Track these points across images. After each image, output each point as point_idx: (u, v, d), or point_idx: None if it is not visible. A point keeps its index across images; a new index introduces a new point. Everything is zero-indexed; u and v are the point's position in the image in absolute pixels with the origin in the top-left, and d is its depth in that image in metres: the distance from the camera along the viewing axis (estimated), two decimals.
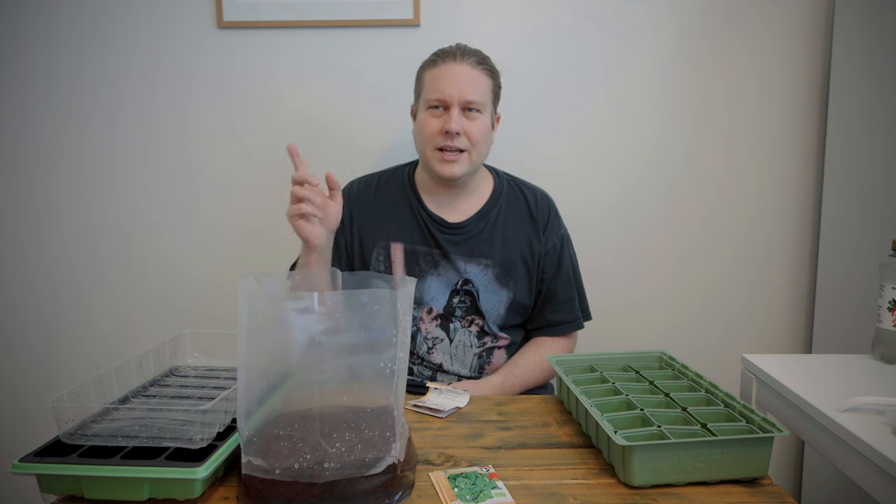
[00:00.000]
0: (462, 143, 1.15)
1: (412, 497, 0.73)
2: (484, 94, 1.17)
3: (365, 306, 0.70)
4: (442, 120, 1.16)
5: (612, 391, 0.92)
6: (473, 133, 1.16)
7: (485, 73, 1.18)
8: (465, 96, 1.15)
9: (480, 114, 1.17)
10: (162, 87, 1.51)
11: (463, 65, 1.15)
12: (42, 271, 1.56)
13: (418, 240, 1.23)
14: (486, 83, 1.18)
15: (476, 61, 1.17)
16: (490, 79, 1.19)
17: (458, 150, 1.16)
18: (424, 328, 1.23)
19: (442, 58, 1.18)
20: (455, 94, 1.14)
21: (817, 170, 1.55)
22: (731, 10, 1.50)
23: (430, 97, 1.17)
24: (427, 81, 1.19)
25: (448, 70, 1.16)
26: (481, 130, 1.17)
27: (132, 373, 0.90)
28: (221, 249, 1.57)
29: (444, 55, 1.18)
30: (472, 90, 1.15)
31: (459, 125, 1.14)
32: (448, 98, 1.15)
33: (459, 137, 1.15)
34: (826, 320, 1.51)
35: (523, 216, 1.26)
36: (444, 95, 1.15)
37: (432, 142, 1.17)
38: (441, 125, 1.15)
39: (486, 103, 1.18)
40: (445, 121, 1.15)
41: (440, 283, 1.22)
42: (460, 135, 1.15)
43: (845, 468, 0.84)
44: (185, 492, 0.70)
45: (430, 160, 1.18)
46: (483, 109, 1.17)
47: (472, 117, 1.16)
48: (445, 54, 1.18)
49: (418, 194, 1.26)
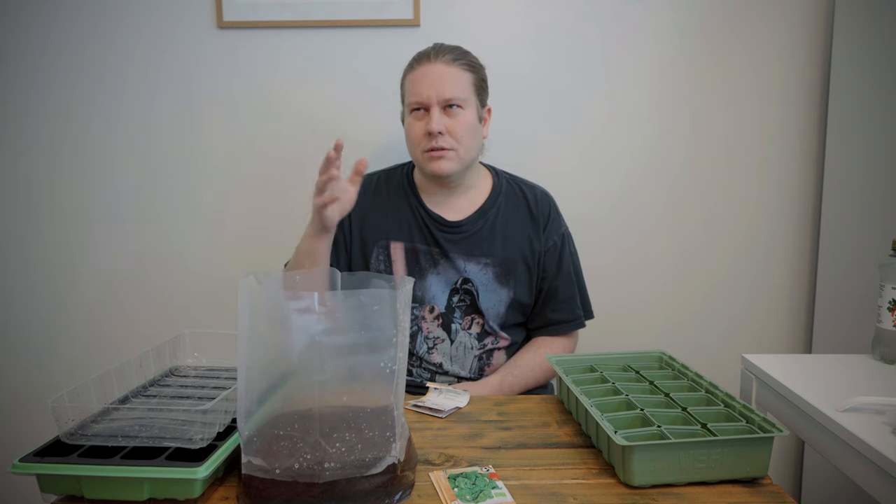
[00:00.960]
0: (446, 143, 1.15)
1: (412, 497, 0.73)
2: (463, 90, 1.16)
3: (365, 306, 0.70)
4: (424, 122, 1.16)
5: (612, 391, 0.92)
6: (457, 130, 1.16)
7: (462, 69, 1.17)
8: (442, 95, 1.14)
9: (462, 109, 1.16)
10: (162, 87, 1.51)
11: (437, 64, 1.15)
12: (42, 271, 1.56)
13: (418, 238, 1.23)
14: (464, 78, 1.17)
15: (452, 58, 1.16)
16: (469, 73, 1.18)
17: (443, 148, 1.15)
18: (426, 327, 1.23)
19: (418, 60, 1.18)
20: (432, 94, 1.14)
21: (817, 170, 1.55)
22: (731, 10, 1.50)
23: (411, 101, 1.17)
24: (407, 86, 1.19)
25: (423, 72, 1.16)
26: (465, 126, 1.16)
27: (132, 373, 0.90)
28: (222, 249, 1.57)
29: (419, 57, 1.19)
30: (449, 87, 1.15)
31: (441, 124, 1.14)
32: (426, 99, 1.15)
33: (443, 137, 1.15)
34: (826, 320, 1.51)
35: (523, 214, 1.25)
36: (422, 97, 1.15)
37: (419, 145, 1.17)
38: (424, 127, 1.16)
39: (466, 98, 1.17)
40: (427, 122, 1.15)
41: (440, 282, 1.22)
42: (443, 134, 1.15)
43: (845, 468, 0.84)
44: (185, 492, 0.70)
45: (421, 162, 1.19)
46: (465, 104, 1.17)
47: (454, 114, 1.16)
48: (421, 56, 1.18)
49: (417, 193, 1.26)
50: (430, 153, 1.16)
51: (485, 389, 1.18)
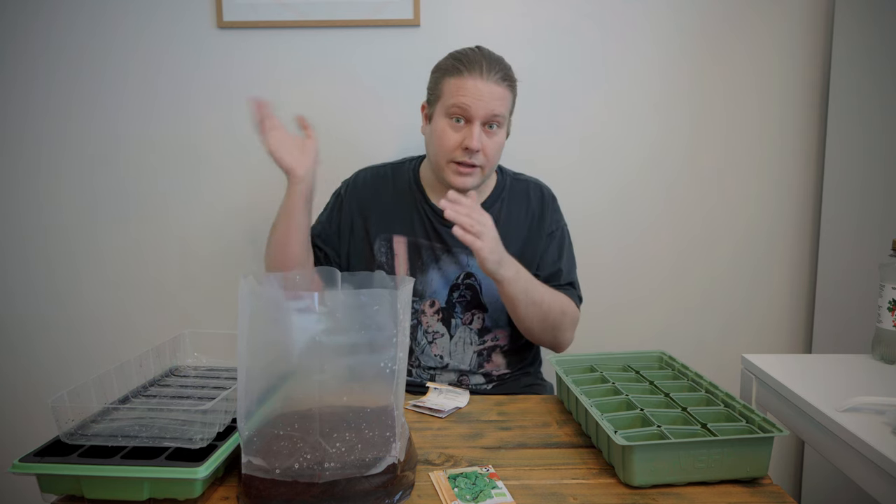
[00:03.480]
0: (479, 160, 1.14)
1: (412, 497, 0.73)
2: (506, 110, 1.15)
3: (365, 306, 0.70)
4: (462, 134, 1.13)
5: (612, 391, 0.92)
6: (491, 150, 1.14)
7: (508, 89, 1.15)
8: (489, 114, 1.12)
9: (500, 128, 1.15)
10: (162, 87, 1.51)
11: (489, 82, 1.11)
12: (42, 271, 1.56)
13: (420, 233, 1.23)
14: (508, 98, 1.15)
15: (501, 77, 1.13)
16: (511, 93, 1.16)
17: (474, 165, 1.14)
18: (426, 321, 1.24)
19: (468, 68, 1.12)
20: (479, 111, 1.11)
21: (817, 170, 1.55)
22: (731, 10, 1.50)
23: (452, 109, 1.13)
24: (449, 89, 1.13)
25: (474, 85, 1.11)
26: (498, 146, 1.16)
27: (132, 373, 0.90)
28: (221, 249, 1.57)
29: (469, 64, 1.12)
30: (497, 107, 1.12)
31: (480, 142, 1.12)
32: (473, 114, 1.11)
33: (478, 155, 1.13)
34: (826, 320, 1.51)
35: (525, 210, 1.26)
36: (469, 111, 1.11)
37: (449, 154, 1.14)
38: (460, 140, 1.13)
39: (506, 117, 1.16)
40: (466, 136, 1.12)
41: (441, 277, 1.23)
42: (479, 152, 1.13)
43: (845, 468, 0.84)
44: (185, 492, 0.70)
45: (444, 170, 1.17)
46: (503, 124, 1.16)
47: (492, 133, 1.14)
48: (471, 64, 1.12)
49: (423, 189, 1.26)
50: (460, 167, 1.14)
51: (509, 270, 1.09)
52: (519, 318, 1.15)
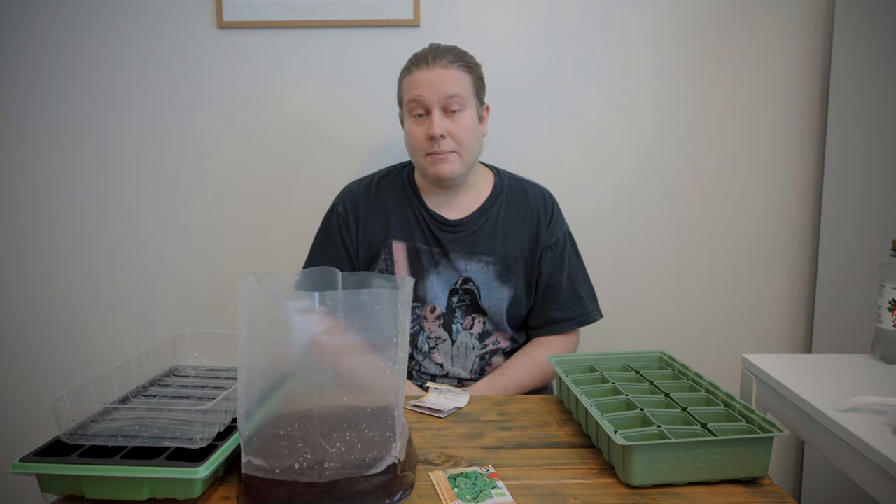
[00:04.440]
0: (448, 145, 1.15)
1: (412, 497, 0.73)
2: (463, 91, 1.16)
3: (365, 306, 0.70)
4: (426, 126, 1.15)
5: (612, 391, 0.92)
6: (458, 132, 1.15)
7: (461, 70, 1.16)
8: (442, 98, 1.14)
9: (464, 110, 1.16)
10: (162, 86, 1.51)
11: (436, 68, 1.14)
12: (42, 271, 1.56)
13: (419, 238, 1.23)
14: (464, 79, 1.16)
15: (450, 60, 1.15)
16: (468, 73, 1.17)
17: (446, 151, 1.15)
18: (428, 327, 1.23)
19: (416, 63, 1.17)
20: (433, 98, 1.14)
21: (817, 170, 1.55)
22: (731, 11, 1.50)
23: (410, 105, 1.17)
24: (405, 88, 1.18)
25: (422, 75, 1.15)
26: (466, 127, 1.16)
27: (132, 373, 0.90)
28: (221, 249, 1.57)
29: (417, 60, 1.17)
30: (450, 90, 1.14)
31: (442, 128, 1.14)
32: (428, 102, 1.14)
33: (445, 140, 1.14)
34: (826, 320, 1.51)
35: (525, 213, 1.25)
36: (424, 100, 1.14)
37: (421, 149, 1.17)
38: (425, 131, 1.15)
39: (466, 99, 1.16)
40: (429, 125, 1.15)
41: (440, 282, 1.23)
42: (445, 137, 1.14)
43: (845, 468, 0.84)
44: (186, 492, 0.70)
45: (423, 165, 1.19)
46: (465, 105, 1.16)
47: (455, 116, 1.16)
48: (419, 59, 1.17)
49: (418, 193, 1.26)
50: (433, 157, 1.16)
51: (476, 391, 1.18)
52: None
